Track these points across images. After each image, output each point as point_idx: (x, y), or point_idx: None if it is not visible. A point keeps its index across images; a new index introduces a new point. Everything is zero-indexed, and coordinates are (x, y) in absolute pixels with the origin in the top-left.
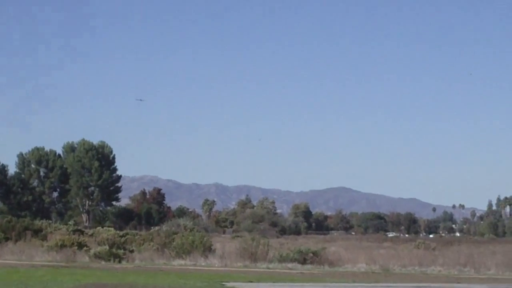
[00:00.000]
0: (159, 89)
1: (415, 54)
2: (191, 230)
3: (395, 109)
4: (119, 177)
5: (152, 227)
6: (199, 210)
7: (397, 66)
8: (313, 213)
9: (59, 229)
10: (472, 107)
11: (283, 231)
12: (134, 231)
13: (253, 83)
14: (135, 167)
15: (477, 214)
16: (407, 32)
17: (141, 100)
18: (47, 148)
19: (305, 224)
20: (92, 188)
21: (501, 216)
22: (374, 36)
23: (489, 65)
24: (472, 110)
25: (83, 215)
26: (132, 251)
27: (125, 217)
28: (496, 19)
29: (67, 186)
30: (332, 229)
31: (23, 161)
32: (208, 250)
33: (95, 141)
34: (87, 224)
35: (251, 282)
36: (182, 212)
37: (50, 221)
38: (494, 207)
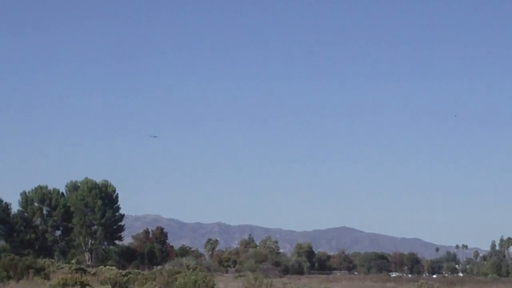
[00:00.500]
0: (162, 127)
1: (422, 91)
2: (194, 270)
3: (398, 150)
4: (122, 216)
5: (154, 266)
6: (202, 250)
7: (399, 103)
8: (316, 252)
9: (61, 268)
10: (476, 147)
11: (286, 271)
12: (136, 270)
13: (255, 122)
14: (138, 206)
15: (480, 254)
16: (413, 69)
17: (155, 136)
18: (50, 187)
19: (308, 263)
20: (95, 226)
21: (504, 256)
22: (376, 74)
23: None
24: (476, 150)
25: (85, 254)
26: None
27: (128, 256)
28: None
29: (70, 225)
30: (335, 269)
31: (26, 199)
32: None
33: (98, 179)
34: (89, 263)
35: None
36: (185, 251)
37: (53, 260)
38: (497, 247)
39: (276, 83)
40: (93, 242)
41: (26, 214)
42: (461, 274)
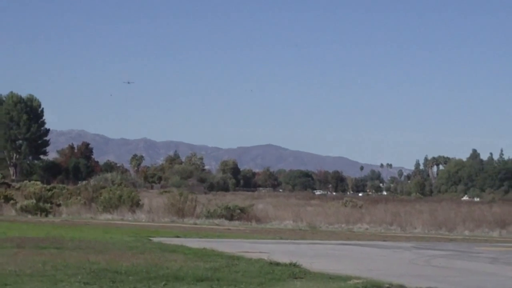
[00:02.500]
0: (89, 44)
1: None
2: (119, 185)
3: (324, 68)
4: (47, 130)
5: (79, 182)
6: (127, 165)
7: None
8: (241, 169)
9: None
10: (401, 68)
11: (211, 187)
12: (61, 185)
13: (183, 44)
14: (63, 121)
15: (405, 174)
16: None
17: (129, 82)
18: None
19: (233, 180)
20: (20, 141)
21: (428, 175)
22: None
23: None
24: (401, 70)
25: (10, 169)
26: (59, 205)
27: (53, 171)
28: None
29: None
30: (259, 186)
31: None
32: (135, 205)
33: (23, 94)
34: (14, 178)
35: (178, 237)
36: (110, 167)
37: None
38: (421, 167)
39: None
40: (17, 156)
41: None
42: (385, 193)
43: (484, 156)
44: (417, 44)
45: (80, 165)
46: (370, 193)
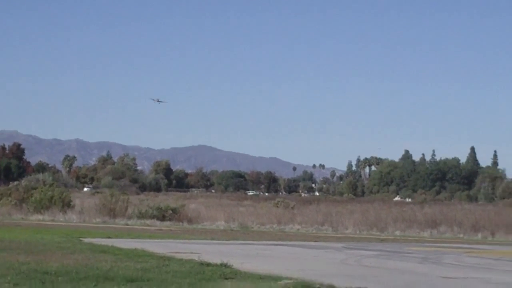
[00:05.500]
0: (18, 40)
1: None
2: (50, 186)
3: (254, 69)
4: None
5: (10, 182)
6: (59, 166)
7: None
8: (173, 170)
9: None
10: (334, 68)
11: (144, 188)
12: None
13: (114, 44)
14: None
15: (337, 174)
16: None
17: (159, 101)
18: None
19: (166, 181)
20: None
21: (360, 176)
22: None
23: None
24: (333, 71)
25: None
26: None
27: None
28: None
29: None
30: (192, 186)
31: None
32: (67, 205)
33: None
34: None
35: (109, 238)
36: (42, 168)
37: None
38: (354, 168)
39: None
40: None
41: None
42: (317, 193)
43: (416, 157)
44: (347, 43)
45: (11, 165)
46: (302, 194)
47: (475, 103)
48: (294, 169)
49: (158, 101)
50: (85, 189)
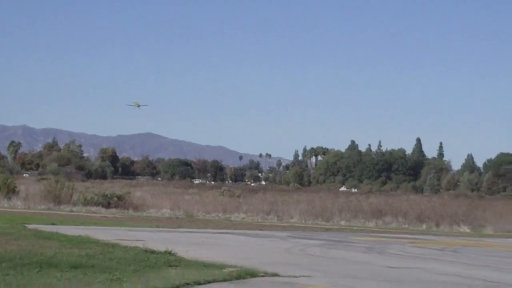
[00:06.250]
0: None
1: None
2: None
3: (204, 58)
4: None
5: None
6: (4, 152)
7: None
8: (120, 157)
9: None
10: (279, 58)
11: (90, 175)
12: None
13: (65, 33)
14: None
15: (283, 164)
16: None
17: (139, 106)
18: None
19: (112, 168)
20: None
21: (306, 166)
22: None
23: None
24: (278, 60)
25: None
26: None
27: None
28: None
29: None
30: (138, 174)
31: None
32: (11, 191)
33: None
34: None
35: (54, 224)
36: None
37: None
38: (300, 157)
39: None
40: None
41: None
42: (263, 182)
43: (362, 148)
44: (293, 31)
45: None
46: (248, 182)
47: (421, 95)
48: (241, 158)
49: (138, 106)
50: (25, 174)
